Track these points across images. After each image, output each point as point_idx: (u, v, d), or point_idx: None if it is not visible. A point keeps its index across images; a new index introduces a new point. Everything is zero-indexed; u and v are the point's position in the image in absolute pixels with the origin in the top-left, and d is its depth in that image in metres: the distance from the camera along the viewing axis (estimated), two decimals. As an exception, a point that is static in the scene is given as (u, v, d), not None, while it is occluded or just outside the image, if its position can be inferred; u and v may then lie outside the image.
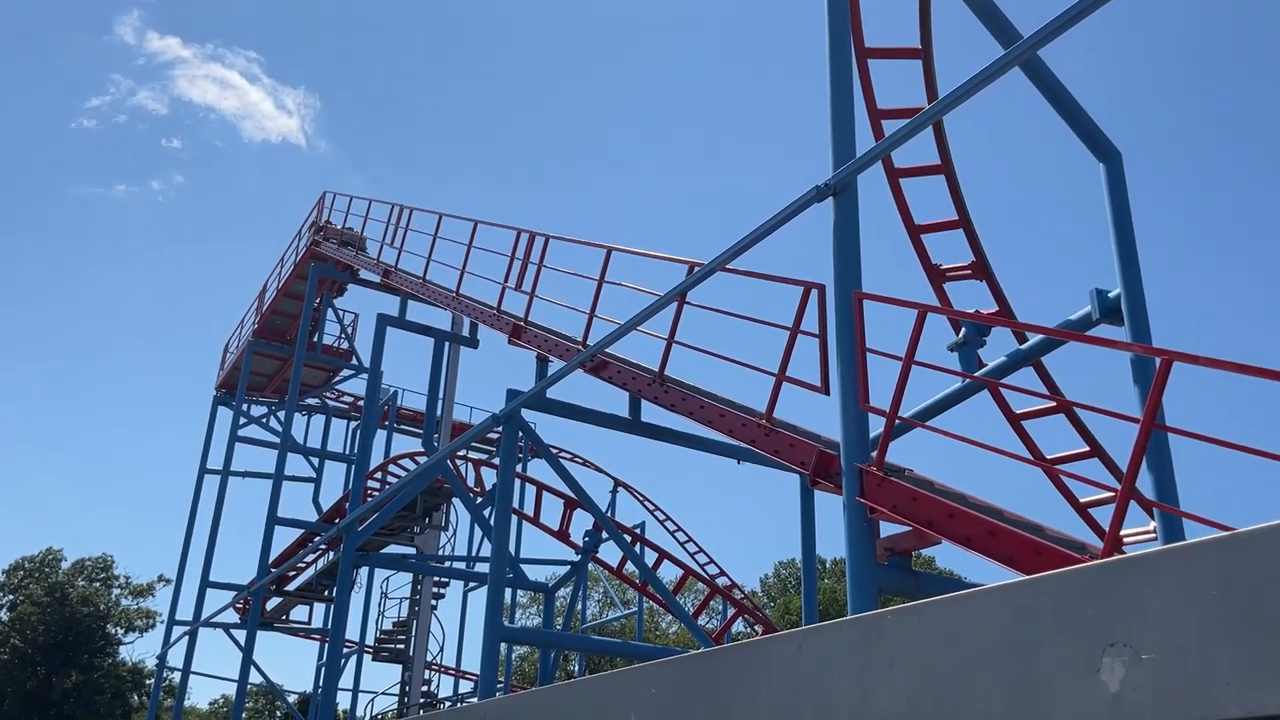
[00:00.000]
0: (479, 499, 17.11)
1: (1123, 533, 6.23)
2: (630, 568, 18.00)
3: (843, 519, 6.58)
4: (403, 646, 22.40)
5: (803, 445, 7.90)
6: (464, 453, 20.20)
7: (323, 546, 21.01)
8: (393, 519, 19.27)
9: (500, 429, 10.62)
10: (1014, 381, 8.93)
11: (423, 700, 21.80)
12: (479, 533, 22.89)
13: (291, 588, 23.88)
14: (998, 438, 8.72)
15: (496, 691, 11.23)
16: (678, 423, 10.13)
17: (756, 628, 20.09)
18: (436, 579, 22.49)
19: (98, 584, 42.61)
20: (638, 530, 21.15)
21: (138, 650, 55.30)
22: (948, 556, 42.59)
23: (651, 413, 10.57)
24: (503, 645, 17.31)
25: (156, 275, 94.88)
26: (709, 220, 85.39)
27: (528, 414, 10.95)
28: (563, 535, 16.93)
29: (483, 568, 19.40)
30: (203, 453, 26.63)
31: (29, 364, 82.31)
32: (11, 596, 40.55)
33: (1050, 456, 8.93)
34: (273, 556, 20.38)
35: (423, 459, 17.65)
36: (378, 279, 18.90)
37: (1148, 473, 7.39)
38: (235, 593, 22.46)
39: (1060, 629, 1.28)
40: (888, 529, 6.83)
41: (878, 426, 6.75)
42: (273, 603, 24.40)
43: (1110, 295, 8.12)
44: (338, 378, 25.79)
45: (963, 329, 8.66)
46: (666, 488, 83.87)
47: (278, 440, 23.04)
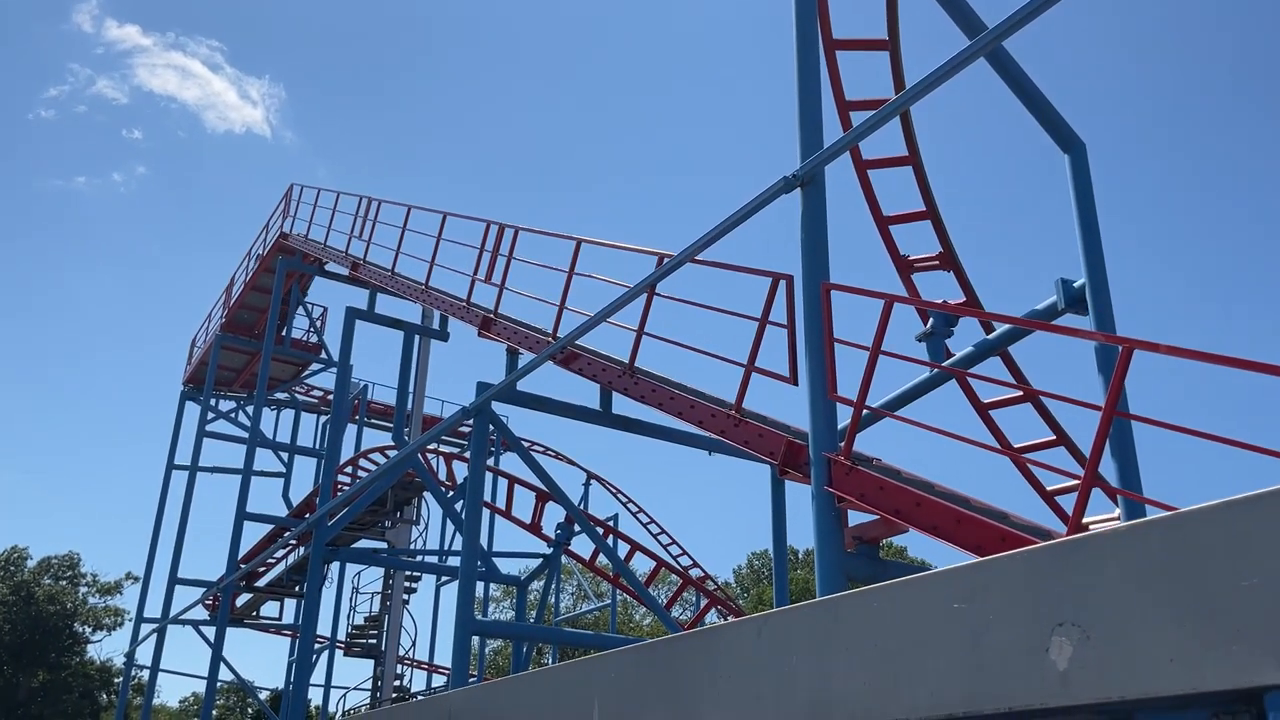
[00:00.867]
0: (450, 493, 17.05)
1: (1087, 519, 6.31)
2: (603, 560, 18.01)
3: (812, 508, 6.62)
4: (375, 641, 22.32)
5: (772, 435, 7.93)
6: (435, 446, 20.12)
7: (293, 542, 20.88)
8: (364, 513, 19.17)
9: (471, 422, 10.59)
10: (981, 371, 9.01)
11: (395, 695, 21.73)
12: (451, 526, 22.83)
13: (261, 584, 23.71)
14: (965, 427, 8.79)
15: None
16: (649, 414, 10.15)
17: (729, 618, 20.17)
18: (408, 573, 22.41)
19: (64, 582, 42.11)
20: (610, 522, 21.17)
21: (106, 648, 54.83)
22: (918, 545, 42.98)
23: (622, 404, 10.58)
24: (475, 639, 17.27)
25: (120, 269, 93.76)
26: (678, 212, 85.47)
27: (498, 407, 10.91)
28: (535, 528, 16.90)
29: (455, 561, 19.35)
30: (170, 448, 26.39)
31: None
32: (-24, 596, 40.00)
33: (1017, 445, 9.02)
34: (242, 552, 20.23)
35: (393, 453, 17.58)
36: (346, 272, 18.77)
37: (1111, 460, 7.49)
38: (204, 589, 22.27)
39: (1011, 609, 1.30)
40: (856, 518, 6.88)
41: (846, 416, 6.80)
42: (242, 599, 24.22)
43: (1075, 285, 8.21)
44: (307, 372, 25.60)
45: (930, 319, 8.73)
46: (638, 480, 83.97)
47: (246, 435, 22.84)
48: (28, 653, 38.71)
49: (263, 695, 29.64)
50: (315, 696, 27.83)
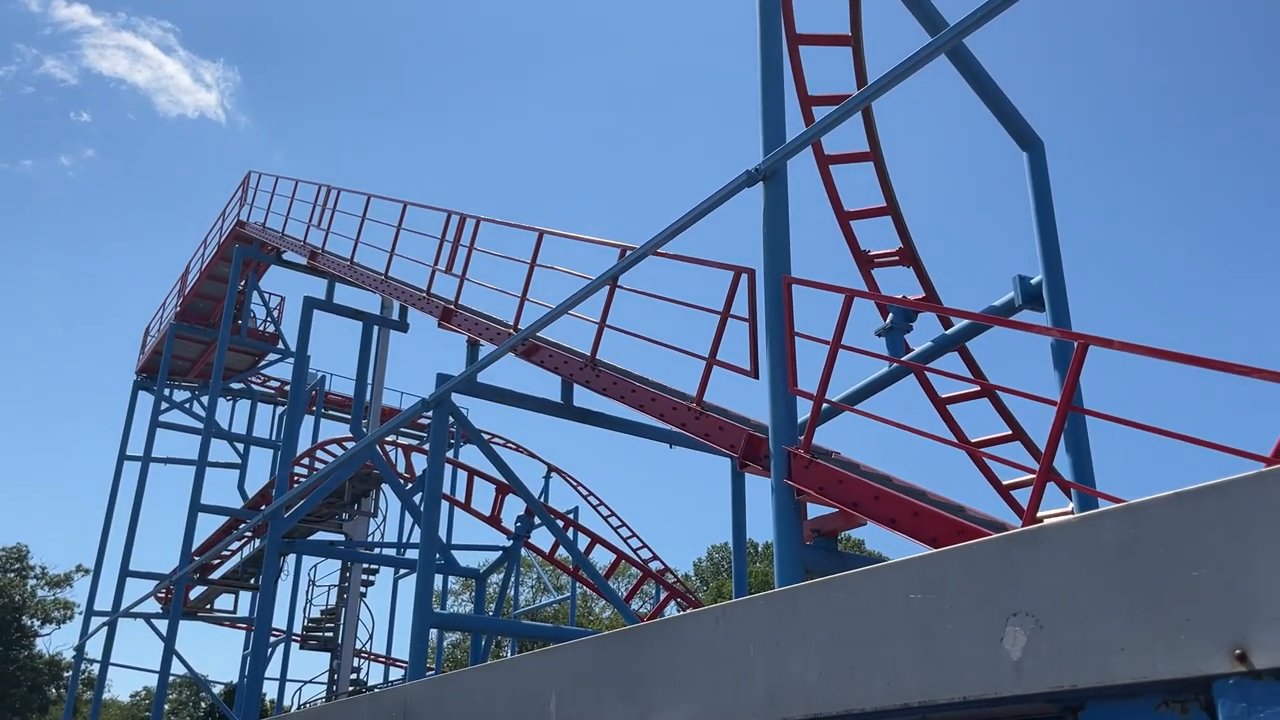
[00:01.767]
0: (409, 485, 16.93)
1: (1041, 513, 6.40)
2: (563, 553, 17.99)
3: (771, 501, 6.65)
4: (331, 634, 22.13)
5: (732, 428, 7.96)
6: (393, 438, 19.97)
7: (248, 534, 20.62)
8: (320, 505, 18.99)
9: (430, 414, 10.51)
10: (939, 366, 9.11)
11: (352, 688, 21.57)
12: (409, 519, 22.69)
13: (216, 576, 23.40)
14: (923, 421, 8.90)
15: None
16: (610, 407, 10.14)
17: (688, 611, 20.23)
18: (366, 566, 22.24)
19: (12, 575, 41.28)
20: (570, 515, 21.15)
21: (55, 642, 53.83)
22: (876, 538, 43.37)
23: (584, 397, 10.57)
24: (434, 632, 17.18)
25: (69, 254, 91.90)
26: (641, 205, 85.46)
27: (458, 399, 10.85)
28: (494, 521, 16.84)
29: (413, 554, 19.23)
30: (122, 439, 25.93)
31: (-65, 347, 79.32)
32: (-79, 588, 39.13)
33: (974, 439, 9.13)
34: (196, 544, 19.95)
35: (351, 445, 17.41)
36: (304, 261, 18.55)
37: (1066, 454, 7.60)
38: (157, 582, 21.95)
39: (966, 600, 1.31)
40: (815, 510, 6.93)
41: (806, 410, 6.83)
42: (196, 592, 23.89)
43: (1032, 282, 8.31)
44: (263, 362, 25.30)
45: (890, 314, 8.80)
46: (599, 473, 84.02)
47: (201, 426, 22.50)
48: (-26, 646, 37.95)
49: (216, 689, 29.30)
50: (270, 690, 27.61)
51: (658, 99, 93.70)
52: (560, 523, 17.11)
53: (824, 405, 6.63)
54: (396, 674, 26.99)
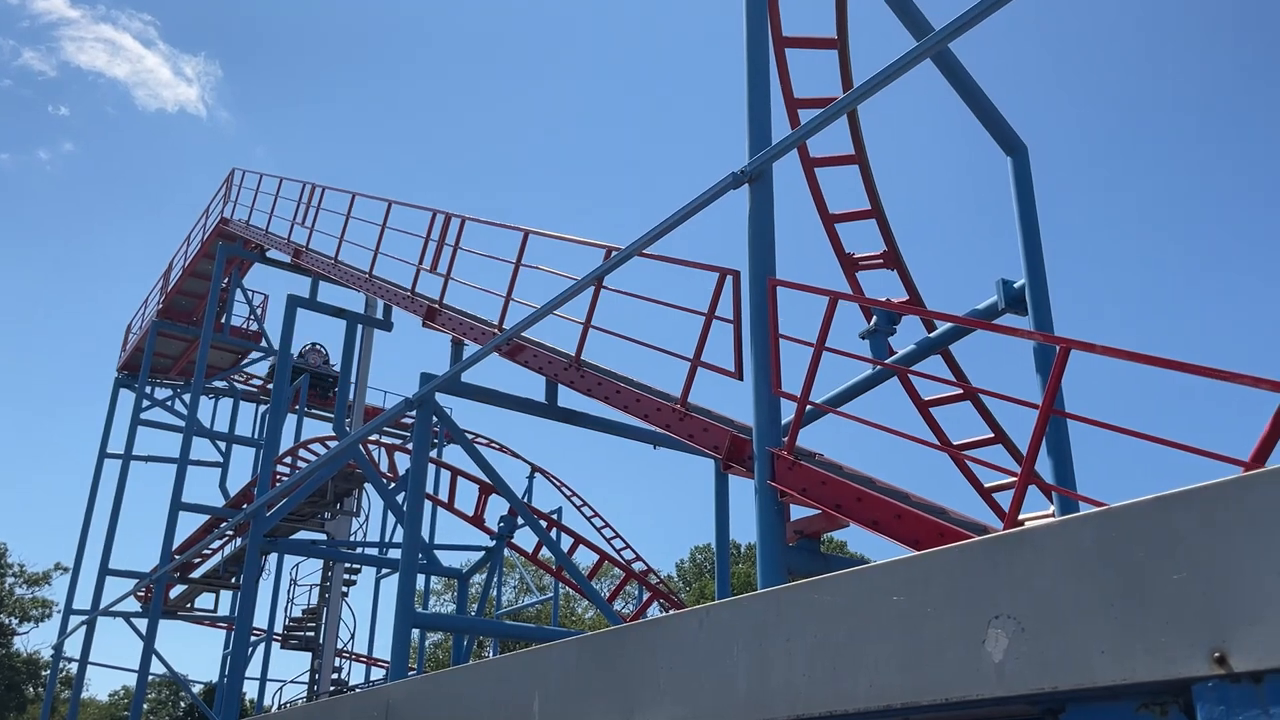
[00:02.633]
0: (392, 484, 16.88)
1: (1022, 516, 6.44)
2: (546, 553, 17.97)
3: (755, 502, 6.66)
4: (313, 634, 22.04)
5: (716, 430, 7.97)
6: (377, 437, 19.90)
7: (230, 533, 20.50)
8: (303, 504, 18.91)
9: (414, 413, 10.48)
10: (923, 369, 9.14)
11: (333, 688, 21.48)
12: (391, 518, 22.60)
13: (197, 575, 23.27)
14: (906, 423, 8.94)
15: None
16: (594, 407, 10.14)
17: (671, 612, 20.24)
18: (348, 565, 22.16)
19: (-11, 573, 40.93)
20: (554, 516, 21.13)
21: (33, 640, 53.41)
22: (858, 540, 43.51)
23: (568, 397, 10.56)
24: (415, 632, 17.13)
25: (47, 249, 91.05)
26: (626, 205, 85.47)
27: (442, 398, 10.83)
28: (477, 521, 16.80)
29: (395, 554, 19.17)
30: (103, 436, 25.75)
31: (-86, 344, 78.48)
32: (-104, 586, 38.74)
33: (956, 442, 9.17)
34: (177, 543, 19.83)
35: (334, 444, 17.34)
36: (288, 259, 18.47)
37: (1048, 458, 7.65)
38: (137, 581, 21.80)
39: (948, 602, 1.32)
40: (799, 512, 6.94)
41: (790, 412, 6.85)
42: (176, 590, 23.76)
43: (1015, 285, 8.36)
44: (246, 360, 25.16)
45: (874, 317, 8.83)
46: (583, 473, 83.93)
47: (183, 424, 22.37)
48: (-50, 645, 37.60)
49: (196, 689, 29.12)
50: (251, 690, 27.46)
51: (644, 100, 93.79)
52: (543, 523, 17.09)
53: (808, 407, 6.65)
54: (378, 674, 26.89)
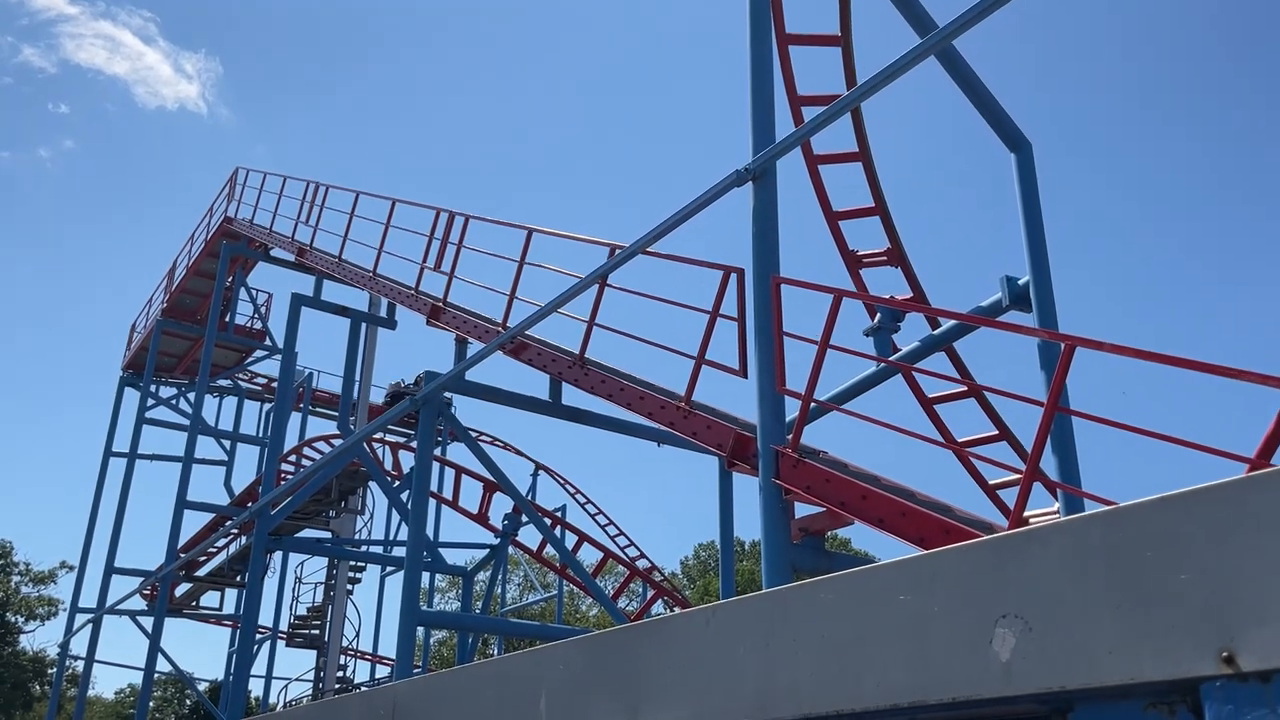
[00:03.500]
0: (396, 483, 16.91)
1: (1027, 513, 6.43)
2: (550, 551, 18.00)
3: (759, 500, 6.67)
4: (317, 632, 22.06)
5: (720, 427, 7.98)
6: (381, 436, 19.93)
7: (234, 531, 20.55)
8: (307, 502, 18.94)
9: (418, 412, 10.50)
10: (927, 366, 9.14)
11: (338, 686, 21.51)
12: (396, 516, 22.64)
13: (202, 573, 23.31)
14: (910, 421, 8.93)
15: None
16: (598, 405, 10.14)
17: (675, 610, 20.27)
18: (352, 563, 22.18)
19: (-5, 571, 41.01)
20: (558, 513, 21.14)
21: (39, 639, 53.56)
22: (862, 538, 43.50)
23: (572, 395, 10.56)
24: (420, 629, 17.16)
25: (51, 249, 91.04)
26: (630, 203, 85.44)
27: (446, 396, 10.84)
28: (482, 519, 16.83)
29: (400, 551, 19.19)
30: (108, 435, 25.81)
31: (-81, 343, 78.58)
32: (-97, 585, 38.85)
33: (960, 439, 9.17)
34: (182, 541, 19.88)
35: (338, 442, 17.37)
36: (292, 257, 18.49)
37: (1052, 455, 7.64)
38: (142, 579, 21.85)
39: (955, 601, 1.32)
40: (802, 510, 6.95)
41: (794, 409, 6.85)
42: (182, 589, 23.80)
43: (1019, 283, 8.35)
44: (250, 358, 25.22)
45: (878, 314, 8.82)
46: (587, 471, 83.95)
47: (187, 422, 22.42)
48: (-43, 643, 37.72)
49: (202, 686, 29.17)
50: (256, 688, 27.52)
51: (647, 98, 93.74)
52: (548, 521, 17.10)
53: (812, 405, 6.65)
54: (383, 671, 26.94)
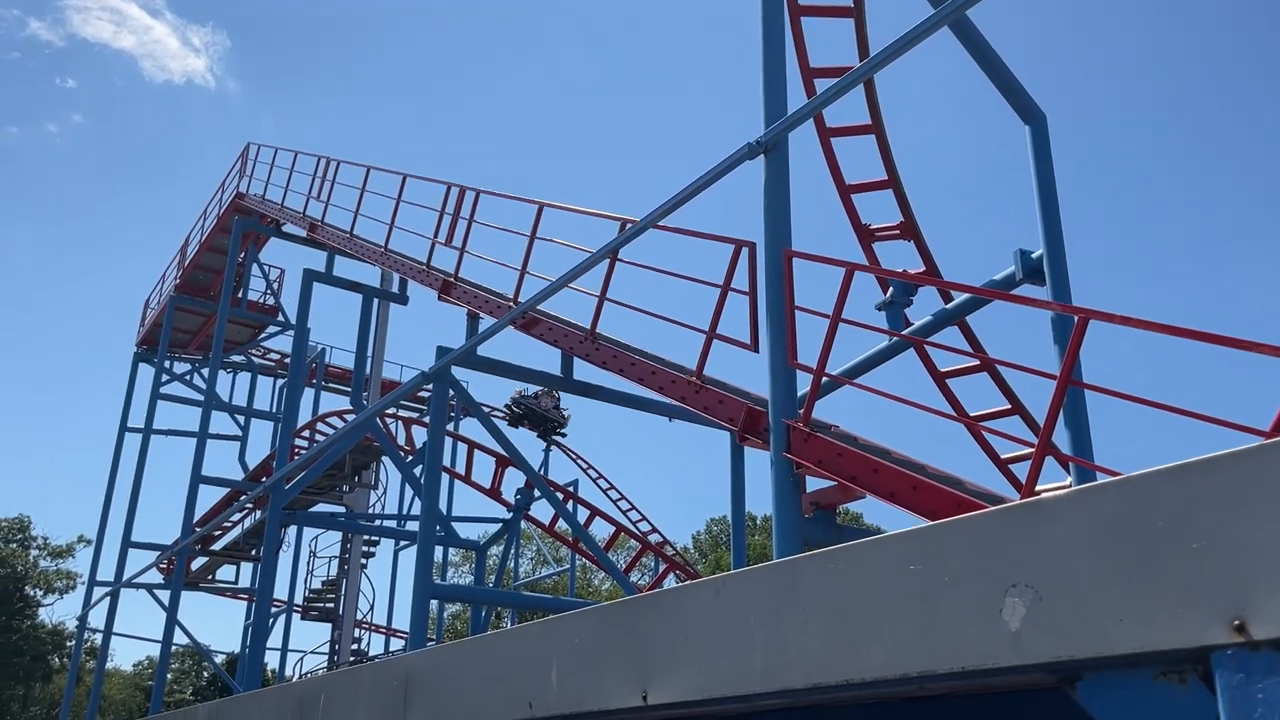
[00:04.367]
0: (409, 457, 16.98)
1: (1039, 487, 6.42)
2: (562, 525, 18.07)
3: (770, 474, 6.67)
4: (332, 605, 22.28)
5: (731, 402, 7.97)
6: (394, 411, 20.01)
7: (249, 505, 20.71)
8: (321, 477, 19.04)
9: (430, 387, 10.53)
10: (939, 340, 9.10)
11: (353, 659, 21.72)
12: (409, 491, 22.75)
13: (217, 547, 23.53)
14: (923, 395, 8.90)
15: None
16: (609, 380, 10.15)
17: (687, 582, 20.31)
18: (366, 537, 22.34)
19: (14, 545, 41.52)
20: (570, 488, 21.22)
21: (58, 612, 54.26)
22: (874, 511, 43.56)
23: (583, 370, 10.58)
24: (434, 603, 17.28)
25: (61, 223, 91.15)
26: (641, 177, 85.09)
27: (458, 371, 10.86)
28: (494, 493, 16.90)
29: (413, 526, 19.31)
30: (123, 411, 25.97)
31: (-66, 321, 79.00)
32: (-76, 559, 39.35)
33: (973, 413, 9.14)
34: (198, 515, 20.04)
35: (351, 417, 17.45)
36: (303, 233, 18.51)
37: (1064, 428, 7.62)
38: (159, 553, 22.05)
39: (965, 571, 1.32)
40: (814, 484, 6.95)
41: (806, 383, 6.84)
42: (198, 563, 24.04)
43: (1033, 256, 8.30)
44: (264, 334, 25.30)
45: (890, 288, 8.79)
46: (599, 445, 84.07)
47: (202, 398, 22.53)
48: (-23, 616, 38.22)
49: (218, 659, 29.50)
50: (272, 660, 27.82)
51: (659, 71, 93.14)
52: (560, 495, 17.17)
53: (824, 379, 6.64)
54: (397, 644, 27.18)
